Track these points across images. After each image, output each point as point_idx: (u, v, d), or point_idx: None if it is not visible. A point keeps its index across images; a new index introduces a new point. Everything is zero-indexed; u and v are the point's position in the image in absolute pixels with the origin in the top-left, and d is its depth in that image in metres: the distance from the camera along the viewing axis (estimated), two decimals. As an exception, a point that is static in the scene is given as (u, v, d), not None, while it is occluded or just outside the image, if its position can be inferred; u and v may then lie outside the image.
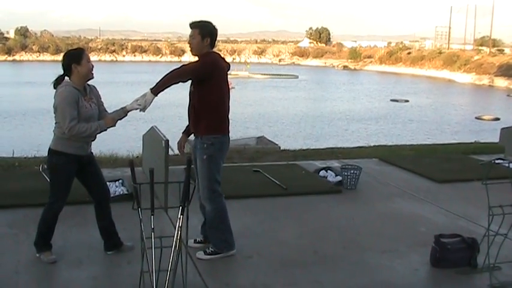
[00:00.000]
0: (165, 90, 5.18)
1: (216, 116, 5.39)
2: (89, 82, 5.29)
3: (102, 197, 5.52)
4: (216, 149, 5.38)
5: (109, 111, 5.41)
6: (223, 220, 5.52)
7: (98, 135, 5.29)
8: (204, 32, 5.34)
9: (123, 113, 5.26)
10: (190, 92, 5.46)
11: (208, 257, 5.49)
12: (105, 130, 5.25)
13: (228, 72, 5.67)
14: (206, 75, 5.27)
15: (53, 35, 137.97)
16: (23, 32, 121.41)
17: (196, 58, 5.43)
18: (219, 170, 5.49)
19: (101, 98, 5.43)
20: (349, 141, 24.16)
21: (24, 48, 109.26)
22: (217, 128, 5.41)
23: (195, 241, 5.71)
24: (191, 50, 5.49)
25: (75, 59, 5.13)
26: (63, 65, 5.18)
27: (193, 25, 5.40)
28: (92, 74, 5.22)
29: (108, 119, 5.22)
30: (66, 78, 5.19)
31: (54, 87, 5.19)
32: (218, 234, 5.52)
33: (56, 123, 5.20)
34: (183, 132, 5.75)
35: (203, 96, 5.32)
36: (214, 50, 5.53)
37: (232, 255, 5.54)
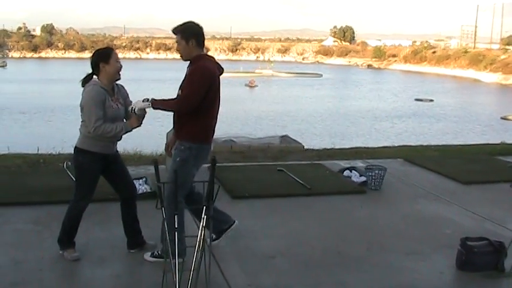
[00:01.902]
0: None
1: (198, 125, 5.19)
2: None
3: (128, 195, 5.53)
4: (192, 155, 5.18)
5: None
6: (172, 228, 5.13)
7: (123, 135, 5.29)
8: (186, 35, 5.18)
9: (142, 116, 5.26)
10: (177, 94, 5.26)
11: (153, 259, 5.30)
12: (130, 131, 5.24)
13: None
14: (204, 96, 5.11)
15: (78, 33, 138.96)
16: (49, 30, 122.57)
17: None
18: (188, 176, 5.21)
19: (128, 98, 5.43)
20: (373, 140, 24.03)
21: (50, 45, 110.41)
22: (198, 136, 5.22)
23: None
24: (181, 57, 5.34)
25: (103, 58, 5.13)
26: (91, 64, 5.18)
27: (175, 30, 5.27)
28: (119, 75, 5.21)
29: (133, 120, 5.21)
30: (95, 77, 5.19)
31: (82, 86, 5.19)
32: (167, 239, 5.18)
33: (82, 121, 5.20)
34: (173, 133, 5.56)
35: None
36: (205, 51, 5.37)
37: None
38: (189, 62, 5.28)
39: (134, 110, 5.18)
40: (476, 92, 60.01)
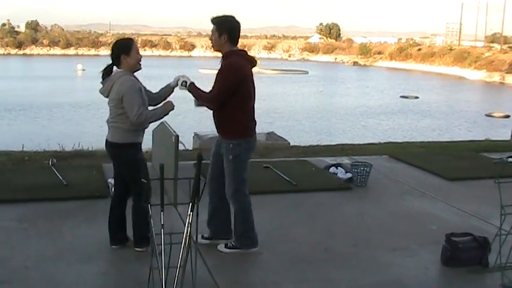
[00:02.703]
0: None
1: (240, 121, 5.38)
2: None
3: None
4: (242, 149, 5.40)
5: None
6: (246, 219, 5.54)
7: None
8: (221, 29, 5.28)
9: (168, 92, 5.44)
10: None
11: (229, 250, 5.54)
12: (167, 114, 5.35)
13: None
14: (233, 91, 5.26)
15: (63, 29, 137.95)
16: (33, 26, 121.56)
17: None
18: (246, 169, 5.52)
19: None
20: (359, 137, 24.06)
21: (34, 42, 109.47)
22: (243, 132, 5.42)
23: (202, 237, 5.70)
24: (212, 47, 5.47)
25: (124, 49, 5.16)
26: (112, 55, 5.20)
27: (213, 21, 5.36)
28: (140, 65, 5.26)
29: (167, 104, 5.31)
30: (115, 68, 5.20)
31: (103, 78, 5.20)
32: (241, 231, 5.54)
33: (118, 115, 5.17)
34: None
35: (224, 103, 5.30)
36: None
37: (254, 252, 5.56)
38: (221, 55, 5.40)
39: (178, 82, 5.33)
40: (461, 89, 60.25)
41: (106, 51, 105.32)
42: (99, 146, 10.94)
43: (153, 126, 8.87)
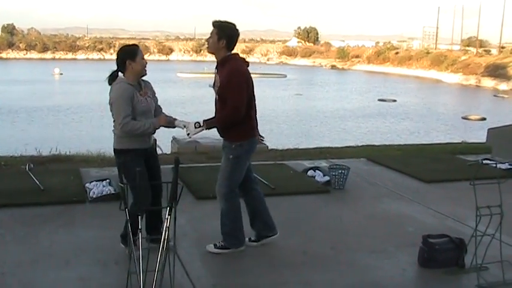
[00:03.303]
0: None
1: (243, 124, 5.44)
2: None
3: (159, 191, 5.46)
4: (244, 150, 5.49)
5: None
6: (235, 219, 5.61)
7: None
8: (221, 34, 5.34)
9: (170, 123, 5.39)
10: (215, 99, 5.54)
11: (218, 251, 5.60)
12: (158, 128, 5.32)
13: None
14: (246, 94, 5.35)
15: (40, 33, 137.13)
16: (9, 30, 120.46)
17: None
18: (243, 171, 5.58)
19: (155, 94, 5.48)
20: (337, 140, 24.17)
21: (11, 46, 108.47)
22: (245, 134, 5.50)
23: (249, 239, 5.82)
24: (207, 48, 5.54)
25: (129, 55, 5.17)
26: (117, 61, 5.20)
27: (214, 23, 5.42)
28: (145, 70, 5.26)
29: (161, 118, 5.31)
30: (120, 74, 5.21)
31: (109, 84, 5.21)
32: (230, 231, 5.61)
33: (113, 121, 5.20)
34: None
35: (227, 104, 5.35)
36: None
37: (242, 251, 5.65)
38: (216, 61, 5.48)
39: (189, 135, 5.37)
40: (438, 92, 60.73)
41: (83, 55, 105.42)
42: (76, 150, 10.91)
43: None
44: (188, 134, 5.35)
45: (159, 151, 6.85)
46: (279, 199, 7.61)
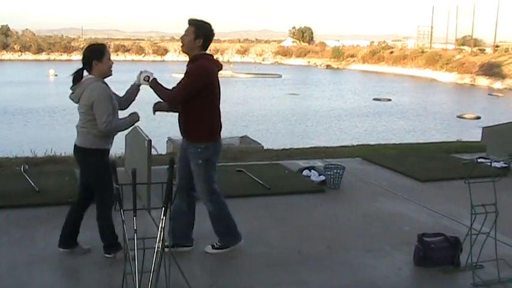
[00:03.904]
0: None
1: (207, 125, 5.37)
2: None
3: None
4: (211, 152, 5.39)
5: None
6: (226, 217, 5.60)
7: None
8: (198, 32, 5.28)
9: (135, 89, 5.41)
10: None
11: (216, 251, 5.58)
12: (133, 125, 5.40)
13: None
14: (198, 92, 5.23)
15: (34, 34, 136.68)
16: (4, 31, 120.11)
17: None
18: (215, 170, 5.51)
19: None
20: (333, 140, 24.19)
21: (5, 47, 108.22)
22: (209, 135, 5.39)
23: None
24: (182, 46, 5.44)
25: (97, 55, 5.13)
26: (83, 60, 5.14)
27: (191, 22, 5.34)
28: (111, 71, 5.23)
29: (133, 116, 5.31)
30: (86, 73, 5.15)
31: (74, 83, 5.14)
32: (224, 230, 5.61)
33: (87, 121, 5.11)
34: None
35: (193, 104, 5.28)
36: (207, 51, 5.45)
37: (240, 246, 5.66)
38: (188, 59, 5.40)
39: (140, 76, 5.31)
40: (433, 92, 60.83)
41: (78, 56, 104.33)
42: (72, 151, 10.86)
43: (125, 131, 8.87)
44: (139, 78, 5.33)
45: (154, 152, 6.85)
46: (274, 199, 7.64)
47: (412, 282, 5.33)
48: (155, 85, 5.28)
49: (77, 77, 5.15)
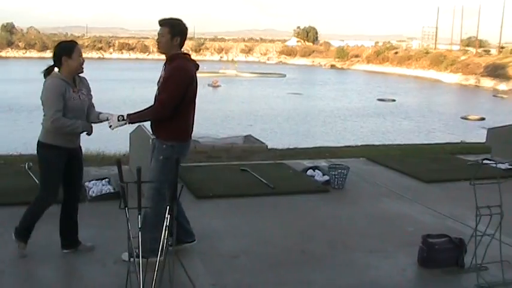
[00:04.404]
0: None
1: (178, 124, 5.25)
2: None
3: (76, 195, 5.47)
4: (175, 152, 5.16)
5: (96, 109, 5.38)
6: (157, 225, 4.79)
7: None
8: (174, 31, 5.21)
9: (96, 117, 5.30)
10: (155, 96, 5.31)
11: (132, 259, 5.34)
12: (89, 132, 5.22)
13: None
14: (183, 95, 5.17)
15: (39, 32, 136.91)
16: (9, 29, 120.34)
17: (163, 56, 5.35)
18: (172, 173, 5.34)
19: (90, 91, 5.39)
20: (337, 140, 24.19)
21: (10, 44, 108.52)
22: (179, 136, 5.28)
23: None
24: (158, 48, 5.35)
25: (66, 51, 5.08)
26: (53, 56, 5.12)
27: (163, 22, 5.25)
28: (82, 68, 5.19)
29: (89, 126, 5.22)
30: (56, 69, 5.13)
31: (44, 77, 5.15)
32: (149, 238, 5.23)
33: (44, 115, 5.13)
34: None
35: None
36: (183, 49, 5.38)
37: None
38: (165, 59, 5.32)
39: (111, 128, 5.16)
40: (437, 93, 60.79)
41: (83, 54, 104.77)
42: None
43: (130, 129, 8.89)
44: (110, 127, 5.14)
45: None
46: (278, 198, 7.63)
47: (416, 283, 5.32)
48: (135, 117, 5.19)
49: (47, 73, 5.16)
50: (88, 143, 5.91)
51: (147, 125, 7.08)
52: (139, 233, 4.04)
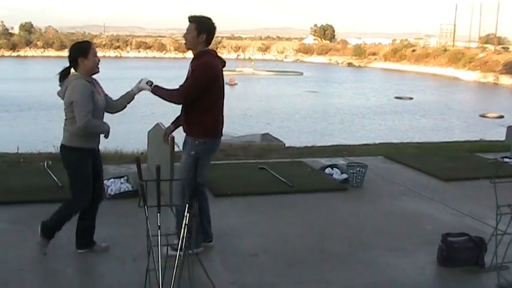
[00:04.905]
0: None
1: (208, 121, 5.33)
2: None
3: (100, 194, 5.49)
4: (206, 148, 5.33)
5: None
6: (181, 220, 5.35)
7: None
8: (200, 28, 5.26)
9: (130, 96, 5.36)
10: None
11: (174, 253, 5.41)
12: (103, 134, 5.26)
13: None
14: (204, 90, 5.22)
15: (57, 31, 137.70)
16: (27, 28, 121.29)
17: (190, 52, 5.38)
18: (207, 168, 5.49)
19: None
20: (354, 138, 24.11)
21: (28, 44, 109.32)
22: (209, 132, 5.37)
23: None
24: (185, 44, 5.41)
25: (81, 52, 5.09)
26: (69, 58, 5.13)
27: (191, 19, 5.32)
28: (98, 68, 5.19)
29: (106, 126, 5.24)
30: (73, 71, 5.15)
31: (60, 80, 5.15)
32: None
33: (67, 118, 5.14)
34: (171, 123, 5.74)
35: (195, 102, 5.26)
36: (210, 47, 5.42)
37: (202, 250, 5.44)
38: (193, 55, 5.37)
39: (138, 86, 5.29)
40: (455, 90, 60.45)
41: (100, 53, 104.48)
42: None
43: (148, 127, 8.92)
44: (138, 83, 5.29)
45: (176, 148, 6.85)
46: (296, 197, 7.62)
47: (436, 283, 5.29)
48: (157, 89, 5.27)
49: (64, 74, 5.16)
50: (106, 142, 5.92)
51: (166, 122, 7.12)
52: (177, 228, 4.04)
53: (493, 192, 4.83)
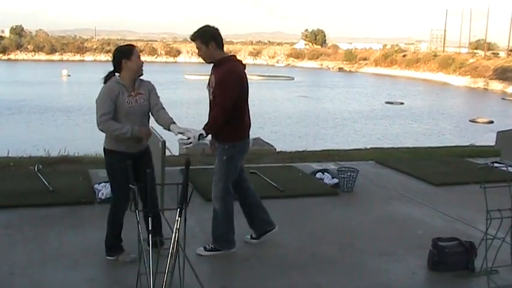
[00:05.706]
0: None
1: (235, 125, 5.42)
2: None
3: (151, 203, 5.41)
4: (236, 151, 5.49)
5: None
6: (228, 221, 5.59)
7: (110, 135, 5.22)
8: (205, 39, 5.32)
9: (173, 129, 5.16)
10: (209, 101, 5.49)
11: (208, 253, 5.56)
12: (141, 137, 5.19)
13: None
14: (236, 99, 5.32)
15: (48, 35, 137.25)
16: (18, 31, 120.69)
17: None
18: (236, 172, 5.60)
19: (155, 93, 5.33)
20: (345, 143, 24.14)
21: (19, 47, 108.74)
22: (237, 136, 5.48)
23: (250, 237, 5.95)
24: (205, 61, 5.46)
25: (125, 54, 5.15)
26: (113, 61, 5.20)
27: (193, 37, 5.39)
28: (142, 70, 5.23)
29: (142, 129, 5.16)
30: (117, 74, 5.20)
31: (104, 83, 5.20)
32: (221, 233, 5.59)
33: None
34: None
35: None
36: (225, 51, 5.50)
37: (233, 253, 5.63)
38: (212, 64, 5.43)
39: (190, 145, 5.14)
40: (446, 95, 60.57)
41: (91, 57, 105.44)
42: (85, 151, 10.92)
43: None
44: (188, 144, 5.10)
45: (167, 153, 6.86)
46: (287, 201, 7.62)
47: (426, 287, 5.31)
48: (207, 129, 5.22)
49: (107, 78, 5.22)
50: (98, 145, 5.91)
51: (158, 126, 7.12)
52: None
53: (483, 197, 4.84)
